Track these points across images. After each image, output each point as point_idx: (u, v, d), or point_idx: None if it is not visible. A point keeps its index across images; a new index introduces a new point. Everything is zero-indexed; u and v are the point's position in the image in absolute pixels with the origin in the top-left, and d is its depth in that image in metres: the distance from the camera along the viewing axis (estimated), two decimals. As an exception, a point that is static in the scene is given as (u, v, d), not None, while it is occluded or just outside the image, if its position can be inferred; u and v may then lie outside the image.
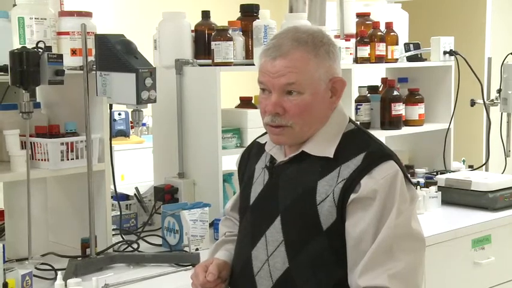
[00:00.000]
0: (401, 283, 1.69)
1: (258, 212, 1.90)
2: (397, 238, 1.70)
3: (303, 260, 1.77)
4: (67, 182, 2.72)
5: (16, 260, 2.46)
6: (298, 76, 1.76)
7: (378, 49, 3.48)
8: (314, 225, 1.75)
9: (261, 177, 1.92)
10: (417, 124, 3.70)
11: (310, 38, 1.79)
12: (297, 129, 1.80)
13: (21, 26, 2.43)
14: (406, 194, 1.76)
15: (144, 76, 2.29)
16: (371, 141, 1.84)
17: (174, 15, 3.03)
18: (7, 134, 2.48)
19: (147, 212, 3.02)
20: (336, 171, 1.76)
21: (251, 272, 1.84)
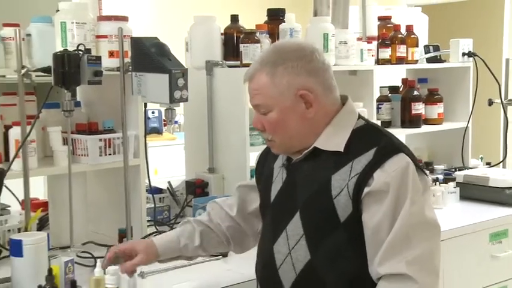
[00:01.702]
0: (420, 269, 1.69)
1: (278, 209, 1.92)
2: (412, 226, 1.71)
3: (324, 252, 1.78)
4: (105, 176, 2.75)
5: (59, 248, 2.50)
6: (262, 97, 1.83)
7: (398, 51, 3.49)
8: (332, 218, 1.77)
9: (280, 175, 1.95)
10: (436, 123, 3.71)
11: (273, 58, 1.83)
12: (278, 142, 1.87)
13: (63, 30, 2.45)
14: (418, 184, 1.76)
15: (177, 76, 2.32)
16: (381, 135, 1.85)
17: (205, 19, 3.04)
18: (50, 131, 2.53)
19: (179, 204, 3.04)
20: (348, 165, 1.76)
21: (274, 265, 1.86)
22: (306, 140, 1.85)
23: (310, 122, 1.83)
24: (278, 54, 1.83)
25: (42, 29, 2.48)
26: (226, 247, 2.18)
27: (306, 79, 1.81)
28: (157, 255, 2.05)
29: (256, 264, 1.99)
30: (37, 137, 2.46)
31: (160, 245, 2.05)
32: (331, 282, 1.78)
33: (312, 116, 1.82)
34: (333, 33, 3.14)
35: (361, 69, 3.36)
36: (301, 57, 1.82)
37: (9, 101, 2.55)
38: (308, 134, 1.84)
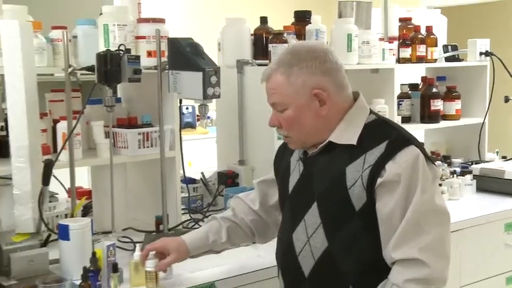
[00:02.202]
0: (431, 254, 1.71)
1: (296, 200, 1.93)
2: (423, 214, 1.73)
3: (341, 239, 1.79)
4: (143, 167, 2.77)
5: (102, 233, 2.53)
6: (278, 96, 1.85)
7: (418, 50, 3.50)
8: (347, 208, 1.78)
9: (297, 168, 1.95)
10: (454, 118, 3.70)
11: (289, 59, 1.85)
12: (294, 138, 1.89)
13: (106, 31, 2.48)
14: (428, 174, 1.77)
15: (210, 74, 2.32)
16: (392, 129, 1.86)
17: (236, 20, 3.07)
18: (94, 125, 2.57)
19: (211, 194, 3.07)
20: (361, 158, 1.77)
21: (294, 252, 1.87)
22: (320, 135, 1.86)
23: (324, 118, 1.84)
24: (293, 56, 1.85)
25: (87, 31, 2.52)
26: (251, 239, 2.20)
27: (320, 78, 1.82)
28: (189, 252, 2.08)
29: (277, 251, 2.01)
30: (82, 130, 2.50)
31: (191, 243, 2.08)
32: (348, 268, 1.80)
33: (325, 113, 1.83)
34: (356, 34, 3.15)
35: (382, 67, 3.36)
36: (315, 58, 1.83)
37: (57, 97, 2.60)
38: (322, 130, 1.85)
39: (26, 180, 2.22)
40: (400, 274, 1.72)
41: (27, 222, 2.22)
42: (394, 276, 1.73)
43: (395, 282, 1.72)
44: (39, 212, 2.24)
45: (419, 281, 1.70)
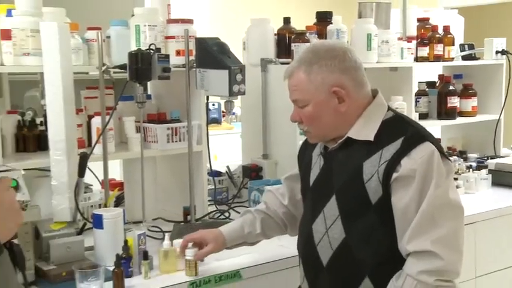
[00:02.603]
0: (444, 247, 1.70)
1: (316, 192, 1.94)
2: (437, 208, 1.72)
3: (358, 231, 1.80)
4: (172, 160, 2.79)
5: (133, 223, 2.55)
6: (299, 93, 1.86)
7: (436, 49, 3.48)
8: (364, 201, 1.78)
9: (318, 162, 1.96)
10: (470, 115, 3.68)
11: (309, 57, 1.86)
12: (313, 133, 1.90)
13: (137, 32, 2.50)
14: (442, 169, 1.76)
15: (235, 72, 2.34)
16: (408, 126, 1.85)
17: (260, 21, 3.07)
18: (125, 120, 2.60)
19: (236, 186, 3.08)
20: (378, 154, 1.77)
21: (313, 242, 1.88)
22: (339, 131, 1.86)
23: (343, 115, 1.84)
24: (314, 54, 1.85)
25: (120, 32, 2.54)
26: (284, 231, 2.20)
27: (339, 76, 1.82)
28: (225, 243, 2.10)
29: (298, 242, 2.02)
30: (114, 125, 2.52)
31: (227, 234, 2.10)
32: (365, 258, 1.80)
33: (344, 110, 1.83)
34: (375, 34, 3.14)
35: (401, 66, 3.36)
36: (334, 56, 1.83)
37: (91, 94, 2.63)
38: (341, 125, 1.86)
39: (63, 172, 2.25)
40: (414, 265, 1.72)
41: (64, 212, 2.25)
42: (408, 268, 1.73)
43: (409, 273, 1.72)
44: (75, 202, 2.27)
45: (432, 273, 1.70)
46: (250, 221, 2.14)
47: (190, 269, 2.08)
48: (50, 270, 2.06)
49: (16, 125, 2.46)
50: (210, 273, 2.14)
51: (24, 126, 2.47)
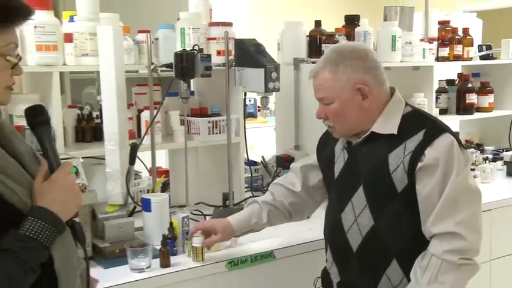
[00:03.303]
0: (466, 228, 1.71)
1: (342, 184, 1.92)
2: (459, 193, 1.72)
3: (385, 218, 1.79)
4: (212, 151, 2.81)
5: (177, 206, 2.58)
6: (324, 91, 1.84)
7: (455, 50, 3.44)
8: (391, 190, 1.77)
9: (341, 156, 1.94)
10: (487, 111, 3.63)
11: (334, 57, 1.84)
12: (338, 128, 1.87)
13: (182, 34, 2.52)
14: (461, 158, 1.75)
15: (271, 71, 2.34)
16: (427, 119, 1.85)
17: (293, 24, 3.06)
18: (171, 114, 2.63)
19: (270, 175, 3.07)
20: (402, 146, 1.77)
21: (342, 230, 1.87)
22: (362, 126, 1.85)
23: (366, 110, 1.83)
24: (338, 55, 1.84)
25: (167, 34, 2.56)
26: (289, 219, 2.18)
27: (363, 75, 1.81)
28: (234, 232, 2.09)
29: (326, 230, 2.01)
30: (161, 119, 2.55)
31: (236, 224, 2.09)
32: (392, 243, 1.79)
33: (367, 106, 1.82)
34: (399, 35, 3.12)
35: (423, 65, 3.32)
36: (358, 57, 1.82)
37: (141, 90, 2.65)
38: (364, 121, 1.84)
39: (116, 160, 2.27)
40: (438, 246, 1.71)
41: (117, 196, 2.28)
42: (433, 248, 1.73)
43: (434, 253, 1.71)
44: (127, 188, 2.29)
45: (456, 252, 1.70)
46: (257, 212, 2.11)
47: (197, 256, 2.06)
48: (105, 247, 2.10)
49: (76, 118, 2.50)
50: (247, 253, 2.16)
51: (82, 119, 2.51)
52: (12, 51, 1.27)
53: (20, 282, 1.17)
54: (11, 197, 1.21)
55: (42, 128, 1.35)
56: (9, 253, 1.17)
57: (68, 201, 1.30)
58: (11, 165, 1.26)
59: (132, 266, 1.99)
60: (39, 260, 1.21)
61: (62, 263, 1.28)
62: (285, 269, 2.25)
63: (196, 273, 2.05)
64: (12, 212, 1.21)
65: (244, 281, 2.16)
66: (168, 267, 2.02)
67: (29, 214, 1.23)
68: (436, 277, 1.70)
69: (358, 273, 1.85)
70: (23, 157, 1.32)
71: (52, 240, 1.24)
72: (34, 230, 1.20)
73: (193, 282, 2.05)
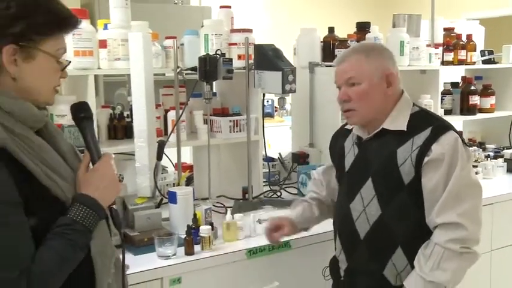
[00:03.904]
0: (468, 219, 1.70)
1: (352, 177, 1.90)
2: (462, 186, 1.71)
3: (392, 208, 1.77)
4: (233, 148, 2.80)
5: (201, 199, 2.56)
6: (355, 72, 1.80)
7: (459, 55, 3.41)
8: (398, 182, 1.76)
9: (351, 151, 1.92)
10: (489, 111, 3.59)
11: (363, 47, 1.87)
12: (361, 111, 1.81)
13: (206, 39, 2.53)
14: (464, 154, 1.74)
15: (287, 73, 2.33)
16: (433, 118, 1.85)
17: (309, 30, 3.05)
18: (195, 114, 2.63)
19: (286, 170, 3.05)
20: (410, 141, 1.75)
21: (351, 219, 1.85)
22: (378, 114, 1.82)
23: (387, 98, 1.81)
24: (367, 46, 1.87)
25: (191, 40, 2.56)
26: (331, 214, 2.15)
27: (392, 66, 1.83)
28: (296, 227, 2.07)
29: (334, 218, 2.00)
30: (186, 118, 2.54)
31: (296, 220, 2.07)
32: (398, 231, 1.77)
33: (390, 94, 1.81)
34: (407, 41, 3.09)
35: (429, 69, 3.29)
36: (385, 49, 1.87)
37: (167, 92, 2.65)
38: (382, 109, 1.82)
39: (144, 156, 2.28)
40: (441, 235, 1.70)
41: (146, 189, 2.28)
42: (436, 237, 1.71)
43: (438, 242, 1.70)
44: (154, 181, 2.29)
45: (458, 241, 1.69)
46: (308, 208, 2.10)
47: (205, 245, 2.05)
48: (134, 236, 2.10)
49: (108, 117, 2.50)
50: (265, 243, 2.14)
51: (114, 118, 2.51)
52: (62, 55, 1.29)
53: (70, 259, 1.21)
54: (55, 190, 1.23)
55: (85, 123, 1.37)
56: (60, 235, 1.20)
57: (108, 190, 1.31)
58: (56, 160, 1.27)
59: (159, 253, 1.99)
60: (85, 242, 1.24)
61: (98, 251, 1.29)
62: (299, 258, 2.24)
63: (218, 261, 2.05)
64: (56, 202, 1.23)
65: (262, 268, 2.15)
66: (192, 255, 2.02)
67: (75, 201, 1.25)
68: (438, 264, 1.69)
69: (365, 259, 1.84)
70: (64, 153, 1.33)
71: (95, 224, 1.26)
72: (80, 215, 1.23)
73: (215, 268, 2.04)
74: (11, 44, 1.19)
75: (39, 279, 1.15)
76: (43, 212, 1.20)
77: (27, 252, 1.16)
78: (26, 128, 1.23)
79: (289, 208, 2.52)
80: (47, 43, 1.24)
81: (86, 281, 1.28)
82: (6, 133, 1.18)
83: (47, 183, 1.21)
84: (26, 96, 1.24)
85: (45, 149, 1.25)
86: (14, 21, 1.19)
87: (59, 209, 1.23)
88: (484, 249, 2.69)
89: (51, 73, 1.28)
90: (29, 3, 1.21)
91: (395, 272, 1.79)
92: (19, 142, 1.19)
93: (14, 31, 1.19)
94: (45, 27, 1.23)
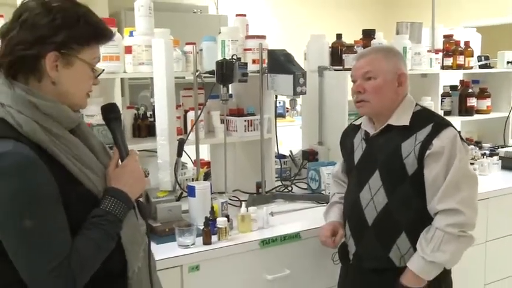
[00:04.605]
0: (465, 206, 1.72)
1: (361, 169, 1.90)
2: (460, 177, 1.73)
3: (397, 197, 1.78)
4: (248, 145, 2.77)
5: (218, 193, 2.54)
6: (373, 67, 1.85)
7: (458, 60, 3.37)
8: (402, 173, 1.77)
9: (360, 146, 1.93)
10: (485, 112, 3.54)
11: (382, 48, 1.97)
12: (372, 103, 1.84)
13: (223, 45, 2.50)
14: (462, 148, 1.77)
15: (298, 77, 2.32)
16: (434, 116, 1.87)
17: (318, 37, 3.02)
18: (213, 114, 2.60)
19: (297, 166, 3.04)
20: (413, 137, 1.77)
21: (360, 207, 1.86)
22: (386, 109, 1.84)
23: (396, 96, 1.84)
24: (385, 47, 1.91)
25: (209, 46, 2.53)
26: None
27: (403, 67, 1.87)
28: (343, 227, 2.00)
29: (344, 207, 1.99)
30: (204, 118, 2.52)
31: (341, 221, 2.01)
32: (402, 218, 1.78)
33: (399, 93, 1.85)
34: (410, 47, 3.05)
35: (430, 73, 3.25)
36: (399, 53, 1.91)
37: (187, 93, 2.62)
38: (390, 105, 1.84)
39: (166, 153, 2.26)
40: (442, 220, 1.72)
41: (167, 183, 2.27)
42: (437, 222, 1.73)
43: (438, 226, 1.72)
44: (175, 176, 2.28)
45: (456, 225, 1.71)
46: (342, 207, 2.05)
47: (222, 235, 2.03)
48: (157, 226, 2.08)
49: (133, 117, 2.48)
50: (277, 233, 2.13)
51: (138, 118, 2.49)
52: (96, 64, 1.32)
53: (104, 246, 1.24)
54: (88, 184, 1.25)
55: (115, 123, 1.40)
56: (95, 225, 1.23)
57: (135, 184, 1.34)
58: (88, 156, 1.29)
59: (179, 242, 1.97)
60: (116, 230, 1.27)
61: (128, 239, 1.31)
62: (308, 248, 2.20)
63: (233, 250, 2.02)
64: (89, 195, 1.26)
65: (274, 257, 2.13)
66: (210, 244, 2.00)
67: (107, 194, 1.28)
68: (439, 247, 1.71)
69: (373, 244, 1.84)
70: (96, 150, 1.35)
71: (124, 214, 1.29)
72: (111, 207, 1.26)
73: (231, 257, 2.02)
74: (54, 51, 1.23)
75: (78, 265, 1.18)
76: (78, 205, 1.22)
77: (66, 242, 1.19)
78: (62, 128, 1.26)
79: (299, 201, 2.56)
80: (84, 52, 1.27)
81: (118, 265, 1.30)
82: (45, 134, 1.21)
83: (80, 177, 1.24)
84: (63, 100, 1.27)
85: (79, 147, 1.27)
86: (58, 31, 1.23)
87: (92, 202, 1.25)
88: (479, 240, 2.66)
89: (85, 79, 1.30)
90: (71, 15, 1.25)
91: (399, 254, 1.80)
92: (56, 141, 1.22)
93: (57, 40, 1.23)
94: (84, 38, 1.26)
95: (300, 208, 2.45)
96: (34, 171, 1.16)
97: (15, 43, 1.22)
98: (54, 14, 1.22)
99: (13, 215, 1.14)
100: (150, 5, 2.34)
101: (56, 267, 1.15)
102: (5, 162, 1.14)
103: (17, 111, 1.20)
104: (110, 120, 1.39)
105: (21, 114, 1.20)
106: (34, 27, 1.22)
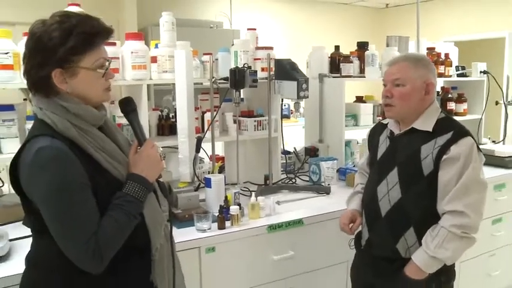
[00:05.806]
0: (472, 210, 1.61)
1: (382, 164, 1.80)
2: (471, 183, 1.61)
3: (411, 194, 1.68)
4: (257, 143, 2.72)
5: (231, 184, 2.48)
6: (402, 75, 1.71)
7: (439, 69, 3.27)
8: (419, 173, 1.66)
9: (384, 143, 1.83)
10: (462, 115, 3.44)
11: (413, 56, 1.77)
12: (398, 108, 1.72)
13: (235, 55, 2.45)
14: (477, 157, 1.65)
15: (301, 83, 2.27)
16: (456, 124, 1.72)
17: (318, 48, 2.96)
18: (226, 115, 2.53)
19: (300, 161, 2.97)
20: (433, 141, 1.66)
21: (376, 199, 1.76)
22: (411, 115, 1.72)
23: (421, 103, 1.71)
24: (416, 56, 1.77)
25: (224, 55, 2.47)
26: None
27: (433, 78, 1.72)
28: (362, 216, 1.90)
29: (364, 198, 1.87)
30: (219, 118, 2.46)
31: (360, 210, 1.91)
32: (412, 213, 1.68)
33: (426, 100, 1.71)
34: (398, 58, 2.96)
35: (415, 80, 3.16)
36: (430, 63, 1.74)
37: (204, 97, 2.57)
38: (416, 111, 1.71)
39: (185, 149, 2.21)
40: (448, 220, 1.62)
41: (186, 176, 2.22)
42: (443, 222, 1.63)
43: (444, 226, 1.62)
44: (193, 169, 2.23)
45: (460, 227, 1.60)
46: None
47: (234, 221, 1.97)
48: (178, 213, 2.02)
49: (157, 118, 2.43)
50: (281, 220, 2.07)
51: (162, 118, 2.44)
52: (102, 63, 1.25)
53: (126, 225, 1.22)
54: (113, 172, 1.24)
55: (132, 114, 1.36)
56: (118, 206, 1.22)
57: (152, 167, 1.30)
58: (113, 149, 1.28)
59: (197, 227, 1.92)
60: (137, 211, 1.25)
61: (150, 219, 1.29)
62: (310, 232, 2.14)
63: (244, 234, 1.97)
64: (115, 181, 1.25)
65: (279, 241, 2.07)
66: (224, 229, 1.94)
67: (127, 179, 1.26)
68: (442, 244, 1.62)
69: (383, 233, 1.75)
70: (121, 144, 1.34)
71: (144, 196, 1.26)
72: (132, 190, 1.24)
73: (242, 240, 1.97)
74: (57, 69, 1.20)
75: (104, 241, 1.17)
76: (106, 190, 1.22)
77: (94, 221, 1.18)
78: (89, 125, 1.25)
79: (302, 192, 2.49)
80: (85, 59, 1.21)
81: (143, 243, 1.28)
82: (76, 130, 1.21)
83: (106, 166, 1.23)
84: (86, 102, 1.25)
85: (105, 140, 1.26)
86: (56, 49, 1.18)
87: (118, 188, 1.24)
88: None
89: (94, 81, 1.25)
90: (64, 30, 1.18)
91: (406, 246, 1.70)
92: (85, 136, 1.22)
93: (57, 57, 1.19)
94: (79, 48, 1.20)
95: (303, 198, 2.40)
96: (67, 163, 1.15)
97: (29, 68, 1.21)
98: (50, 34, 1.17)
99: (50, 200, 1.15)
100: (173, 21, 2.29)
101: (86, 243, 1.16)
102: (43, 155, 1.15)
103: (52, 113, 1.21)
104: (127, 113, 1.36)
105: (56, 115, 1.21)
106: (38, 51, 1.19)
